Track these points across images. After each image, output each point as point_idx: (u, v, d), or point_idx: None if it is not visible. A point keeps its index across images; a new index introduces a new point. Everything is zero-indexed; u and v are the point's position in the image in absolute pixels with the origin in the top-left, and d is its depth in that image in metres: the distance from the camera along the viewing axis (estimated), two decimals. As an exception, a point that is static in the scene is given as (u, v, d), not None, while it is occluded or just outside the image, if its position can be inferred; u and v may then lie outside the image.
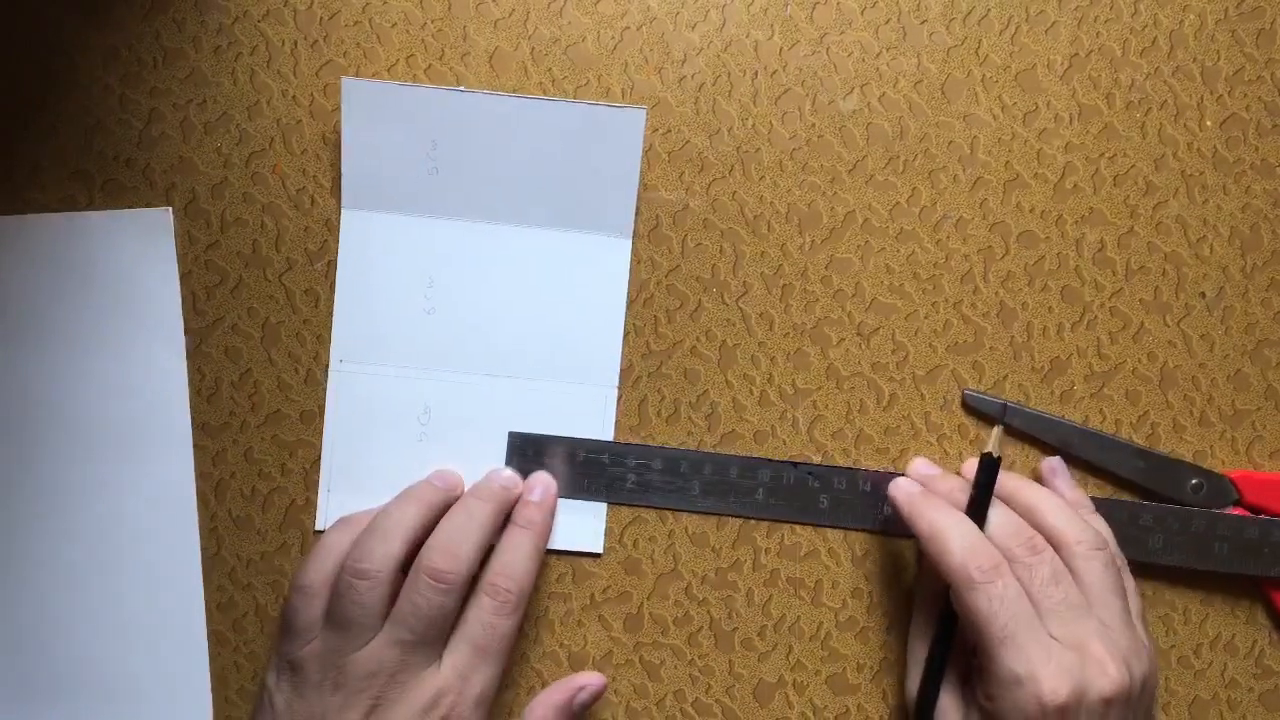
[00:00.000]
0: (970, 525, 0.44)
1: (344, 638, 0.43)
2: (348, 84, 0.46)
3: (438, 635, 0.43)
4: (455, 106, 0.46)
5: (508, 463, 0.47)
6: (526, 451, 0.47)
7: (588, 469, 0.47)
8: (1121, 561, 0.45)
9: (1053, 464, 0.47)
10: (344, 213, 0.47)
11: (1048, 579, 0.42)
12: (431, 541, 0.44)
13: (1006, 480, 0.46)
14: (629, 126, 0.46)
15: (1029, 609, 0.42)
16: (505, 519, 0.46)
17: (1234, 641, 0.49)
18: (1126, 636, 0.42)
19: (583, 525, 0.47)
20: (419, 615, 0.43)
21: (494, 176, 0.47)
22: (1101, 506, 0.47)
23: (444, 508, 0.46)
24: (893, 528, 0.48)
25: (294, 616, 0.44)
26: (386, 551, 0.43)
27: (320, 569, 0.44)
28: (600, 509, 0.48)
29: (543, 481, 0.47)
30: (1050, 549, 0.43)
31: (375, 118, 0.46)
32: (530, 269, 0.47)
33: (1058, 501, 0.45)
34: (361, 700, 0.42)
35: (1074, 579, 0.43)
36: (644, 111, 0.46)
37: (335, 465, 0.47)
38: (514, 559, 0.45)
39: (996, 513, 0.45)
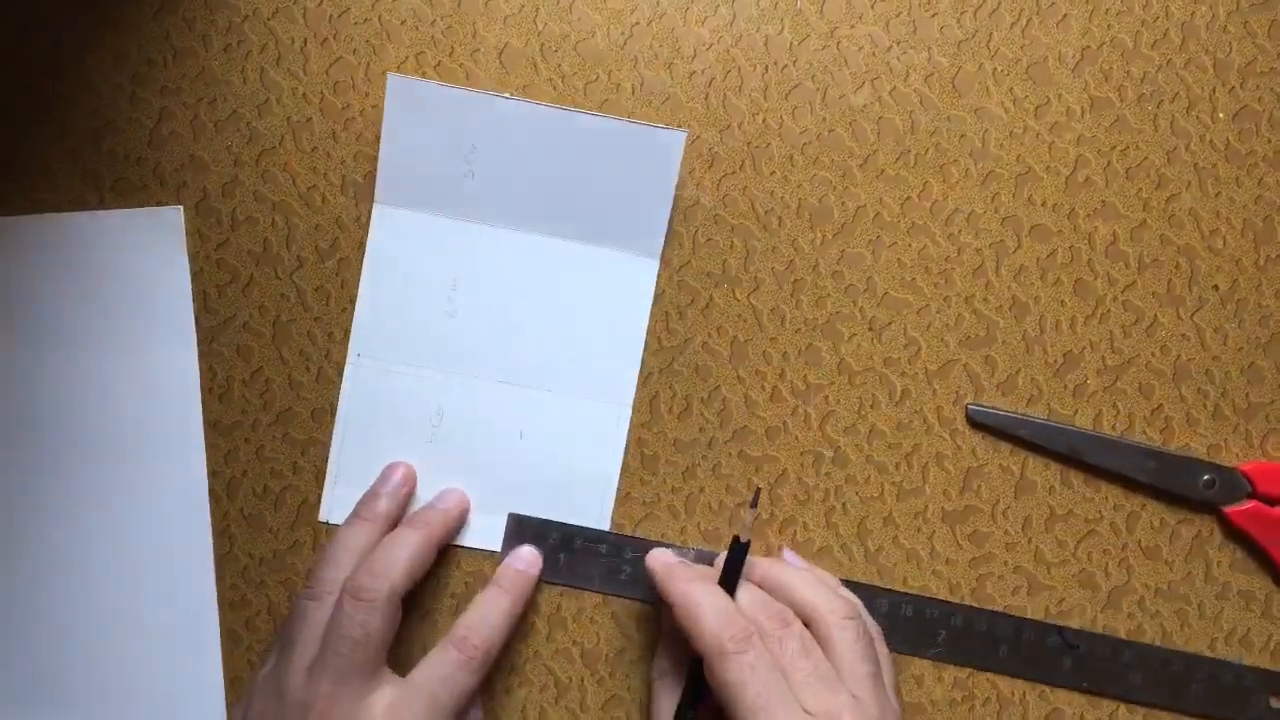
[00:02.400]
0: (723, 596, 0.43)
1: (284, 659, 0.43)
2: (393, 80, 0.46)
3: (364, 660, 0.42)
4: (497, 112, 0.46)
5: (505, 545, 0.47)
6: (524, 534, 0.47)
7: (584, 557, 0.47)
8: (876, 632, 0.45)
9: (790, 556, 0.47)
10: (375, 208, 0.47)
11: (797, 651, 0.42)
12: (359, 566, 0.44)
13: (759, 563, 0.46)
14: (667, 148, 0.46)
15: (780, 681, 0.41)
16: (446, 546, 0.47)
17: (1249, 636, 0.49)
18: (878, 706, 0.42)
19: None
20: (342, 635, 0.42)
21: (529, 185, 0.47)
22: (1084, 640, 0.47)
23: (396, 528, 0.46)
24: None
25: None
26: (335, 575, 0.43)
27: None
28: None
29: (529, 555, 0.47)
30: (799, 622, 0.43)
31: (417, 116, 0.46)
32: (556, 281, 0.47)
33: (809, 577, 0.45)
34: None
35: (826, 649, 0.43)
36: (684, 135, 0.46)
37: (344, 459, 0.47)
38: (488, 616, 0.44)
39: (746, 589, 0.44)
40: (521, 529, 0.47)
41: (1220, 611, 0.49)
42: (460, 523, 0.47)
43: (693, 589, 0.43)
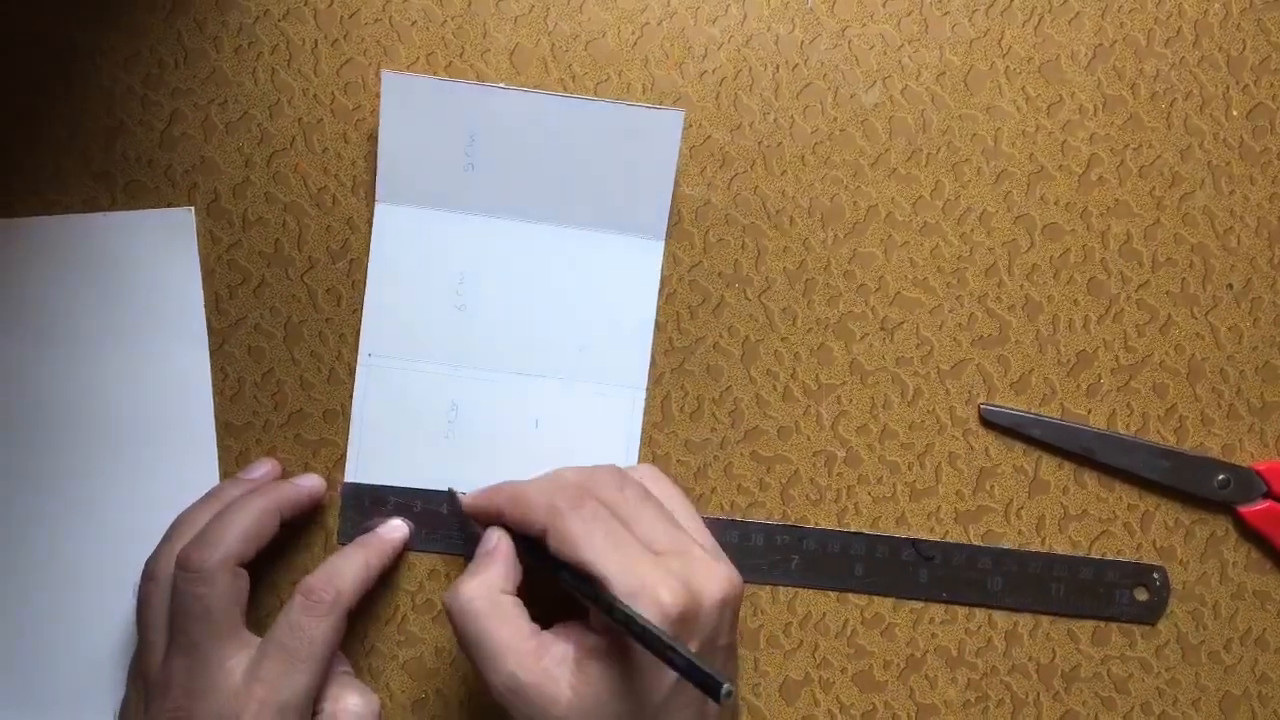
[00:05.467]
0: (548, 476, 0.43)
1: (140, 649, 0.43)
2: (388, 77, 0.46)
3: (213, 631, 0.41)
4: (494, 103, 0.46)
5: (342, 515, 0.47)
6: (362, 502, 0.47)
7: (424, 520, 0.47)
8: (678, 499, 0.44)
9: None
10: (377, 206, 0.47)
11: (636, 499, 0.42)
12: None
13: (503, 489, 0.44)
14: (666, 128, 0.46)
15: (623, 528, 0.41)
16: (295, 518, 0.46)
17: (1265, 636, 0.48)
18: (711, 539, 0.43)
19: None
20: (183, 612, 0.41)
21: (529, 174, 0.47)
22: (938, 550, 0.47)
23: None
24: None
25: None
26: (170, 552, 0.43)
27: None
28: None
29: (395, 522, 0.47)
30: (632, 478, 0.43)
31: (413, 112, 0.46)
32: (563, 268, 0.47)
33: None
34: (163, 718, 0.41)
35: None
36: (681, 114, 0.46)
37: (361, 460, 0.47)
38: (339, 566, 0.43)
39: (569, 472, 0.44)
40: (359, 497, 0.47)
41: (1235, 612, 0.48)
42: (311, 498, 0.46)
43: (511, 486, 0.43)
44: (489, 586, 0.41)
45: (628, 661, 0.39)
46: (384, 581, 0.47)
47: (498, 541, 0.43)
